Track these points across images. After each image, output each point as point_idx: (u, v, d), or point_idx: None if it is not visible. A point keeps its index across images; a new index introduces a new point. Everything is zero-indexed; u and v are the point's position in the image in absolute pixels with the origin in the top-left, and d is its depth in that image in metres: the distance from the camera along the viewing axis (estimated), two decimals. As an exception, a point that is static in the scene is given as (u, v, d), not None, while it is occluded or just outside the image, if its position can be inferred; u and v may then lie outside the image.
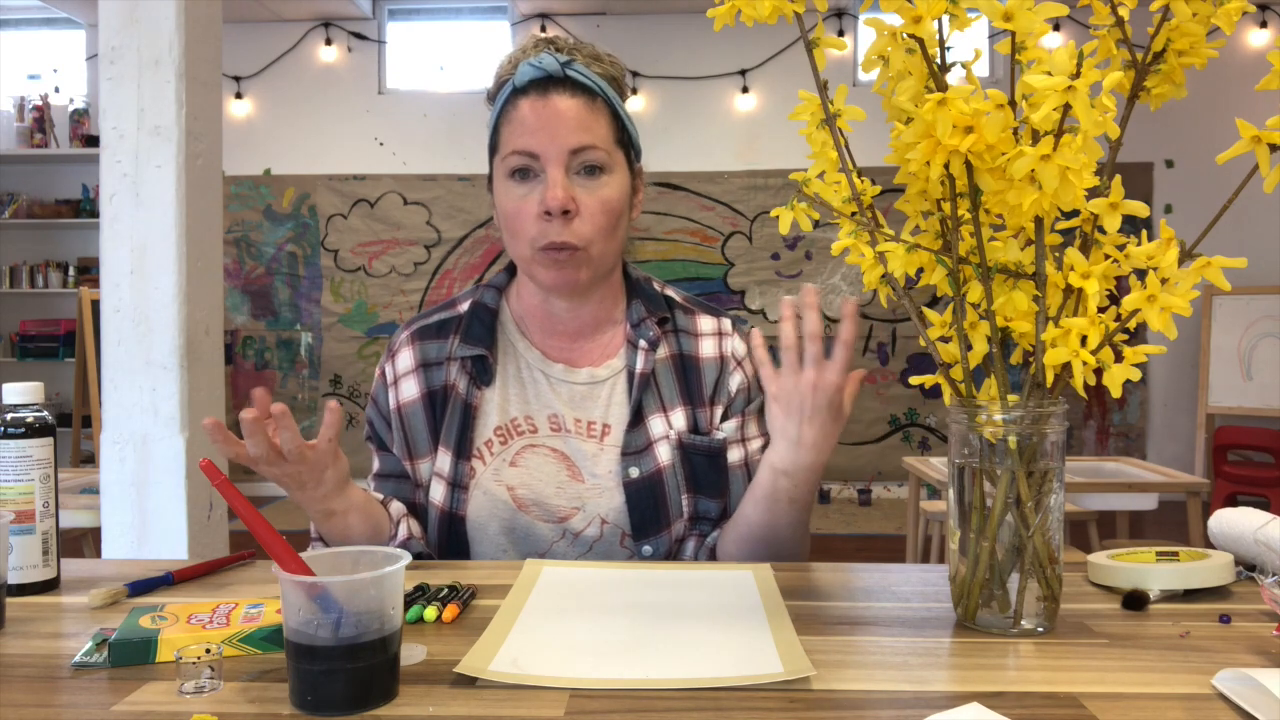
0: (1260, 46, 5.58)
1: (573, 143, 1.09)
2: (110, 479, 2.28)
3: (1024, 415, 0.79)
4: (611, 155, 1.12)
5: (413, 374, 1.18)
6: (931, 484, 3.46)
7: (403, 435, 1.17)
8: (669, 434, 1.16)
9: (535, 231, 1.10)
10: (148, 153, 2.27)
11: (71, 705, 0.66)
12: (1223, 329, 5.36)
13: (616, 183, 1.12)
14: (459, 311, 1.22)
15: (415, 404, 1.17)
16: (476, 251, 5.95)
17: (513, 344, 1.21)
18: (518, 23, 5.96)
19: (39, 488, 0.93)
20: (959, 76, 0.78)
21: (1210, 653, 0.76)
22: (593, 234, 1.10)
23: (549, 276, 1.12)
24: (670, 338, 1.21)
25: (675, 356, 1.20)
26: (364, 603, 0.65)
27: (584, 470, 1.14)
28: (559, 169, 1.09)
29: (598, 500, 1.13)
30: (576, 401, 1.17)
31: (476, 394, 1.17)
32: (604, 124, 1.12)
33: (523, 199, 1.11)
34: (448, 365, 1.18)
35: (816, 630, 0.81)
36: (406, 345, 1.21)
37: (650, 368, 1.18)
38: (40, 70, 6.13)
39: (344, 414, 0.96)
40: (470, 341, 1.18)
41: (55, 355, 5.87)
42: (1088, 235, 0.80)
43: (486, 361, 1.18)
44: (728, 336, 1.23)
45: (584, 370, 1.19)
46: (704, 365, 1.20)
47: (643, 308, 1.21)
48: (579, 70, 1.11)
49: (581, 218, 1.10)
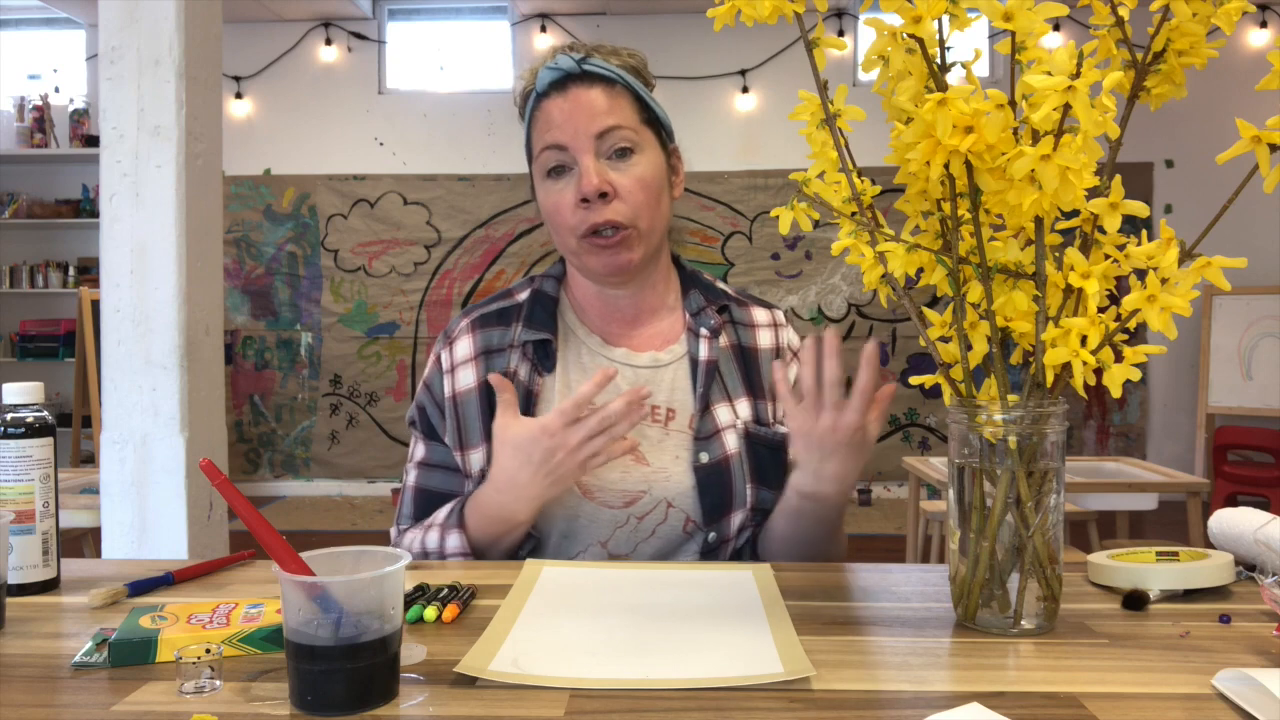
0: (1260, 46, 5.58)
1: (597, 127, 1.10)
2: (110, 479, 2.28)
3: (1024, 415, 0.79)
4: (640, 134, 1.13)
5: (471, 362, 1.17)
6: (931, 484, 3.46)
7: (455, 424, 1.16)
8: (735, 423, 1.16)
9: (575, 220, 1.11)
10: (148, 153, 2.27)
11: (71, 705, 0.66)
12: (1223, 329, 5.36)
13: (649, 160, 1.13)
14: (518, 300, 1.22)
15: (471, 393, 1.16)
16: (476, 251, 5.95)
17: (573, 330, 1.21)
18: (518, 23, 5.96)
19: (39, 488, 0.93)
20: (959, 76, 0.78)
21: (1210, 653, 0.76)
22: (634, 211, 1.11)
23: (599, 263, 1.13)
24: (729, 328, 1.22)
25: (735, 346, 1.21)
26: (364, 603, 0.65)
27: (649, 454, 1.14)
28: (589, 155, 1.10)
29: (664, 485, 1.13)
30: (639, 385, 1.15)
31: (538, 380, 1.16)
32: (627, 107, 1.12)
33: (560, 192, 1.12)
34: (509, 352, 1.17)
35: (816, 630, 0.80)
36: (466, 333, 1.20)
37: (715, 356, 1.18)
38: (40, 70, 6.13)
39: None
40: (534, 326, 1.18)
41: (55, 355, 5.87)
42: (1088, 235, 0.80)
43: (549, 347, 1.18)
44: (782, 328, 1.25)
45: (646, 354, 1.19)
46: (761, 357, 1.21)
47: (701, 297, 1.22)
48: (596, 64, 1.12)
49: (620, 198, 1.10)
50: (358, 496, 5.96)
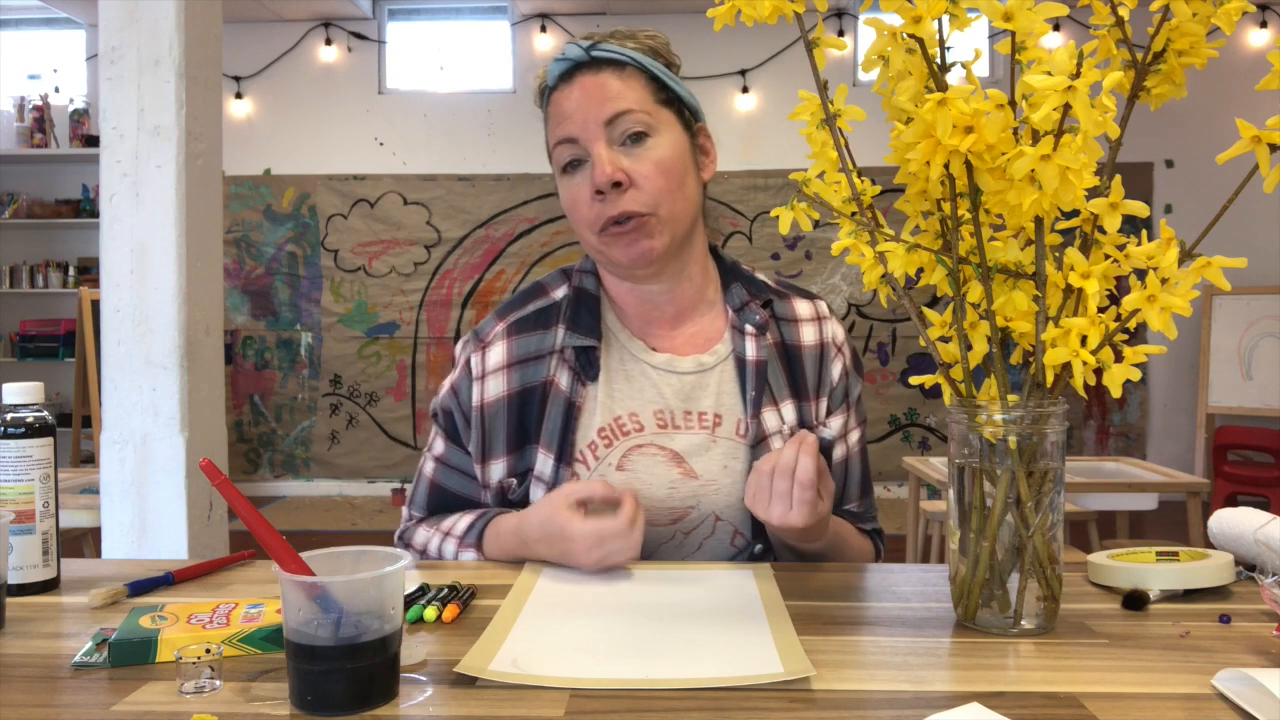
0: (1260, 46, 5.57)
1: (606, 112, 1.05)
2: (110, 479, 2.28)
3: (1024, 415, 0.79)
4: (655, 115, 1.07)
5: (503, 370, 1.12)
6: (931, 484, 3.45)
7: (480, 434, 1.12)
8: (783, 428, 1.12)
9: (592, 215, 1.07)
10: (148, 153, 2.27)
11: (71, 705, 0.66)
12: (1223, 329, 5.36)
13: (667, 142, 1.07)
14: (554, 298, 1.17)
15: (499, 403, 1.11)
16: (476, 251, 5.94)
17: (615, 335, 1.15)
18: (517, 23, 5.96)
19: (39, 488, 0.93)
20: (959, 76, 0.78)
21: (1210, 653, 0.76)
22: (653, 198, 1.06)
23: (621, 254, 1.08)
24: (773, 325, 1.16)
25: (779, 345, 1.16)
26: (364, 603, 0.65)
27: (696, 466, 1.10)
28: (600, 145, 1.05)
29: (713, 498, 1.09)
30: (685, 393, 1.12)
31: (580, 391, 1.11)
32: (638, 88, 1.07)
33: (577, 187, 1.08)
34: (549, 359, 1.12)
35: (816, 630, 0.80)
36: (502, 339, 1.14)
37: (765, 356, 1.13)
38: (40, 70, 6.13)
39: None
40: (579, 331, 1.12)
41: (55, 355, 5.87)
42: (1088, 235, 0.80)
43: (594, 354, 1.12)
44: (826, 320, 1.19)
45: (689, 359, 1.14)
46: (806, 355, 1.16)
47: (744, 291, 1.17)
48: (604, 49, 1.08)
49: (636, 186, 1.05)
50: (358, 496, 5.96)
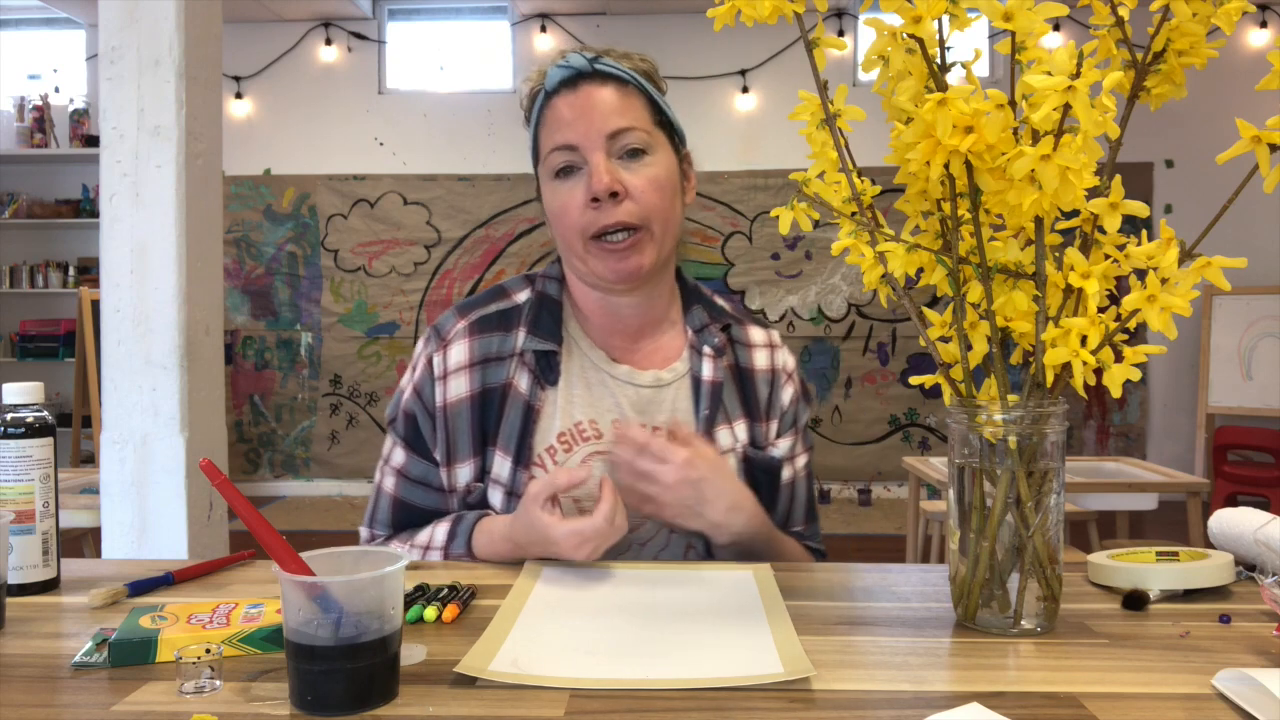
0: (1260, 46, 5.57)
1: (610, 126, 1.06)
2: (110, 479, 2.28)
3: (1024, 415, 0.79)
4: (653, 136, 1.09)
5: (465, 370, 1.12)
6: (931, 484, 3.46)
7: (445, 436, 1.12)
8: (735, 446, 1.14)
9: (584, 221, 1.07)
10: (148, 153, 2.27)
11: (71, 705, 0.66)
12: (1223, 329, 5.36)
13: (662, 162, 1.10)
14: (516, 301, 1.17)
15: (462, 403, 1.11)
16: (476, 251, 5.94)
17: (576, 342, 1.16)
18: (517, 23, 5.96)
19: (39, 488, 0.93)
20: (959, 76, 0.78)
21: (1210, 653, 0.76)
22: (646, 212, 1.07)
23: (608, 268, 1.08)
24: (729, 348, 1.19)
25: (733, 367, 1.18)
26: (364, 603, 0.65)
27: None
28: (600, 155, 1.06)
29: None
30: (642, 406, 1.14)
31: (540, 394, 1.12)
32: (640, 108, 1.09)
33: (569, 192, 1.08)
34: (509, 361, 1.12)
35: (816, 630, 0.80)
36: (463, 337, 1.14)
37: (720, 377, 1.16)
38: (40, 70, 6.13)
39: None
40: (540, 335, 1.13)
41: (55, 355, 5.87)
42: (1088, 235, 0.80)
43: (554, 358, 1.13)
44: (778, 349, 1.22)
45: (649, 373, 1.15)
46: (759, 378, 1.19)
47: (704, 313, 1.19)
48: (608, 63, 1.09)
49: (631, 199, 1.06)
50: (358, 496, 5.95)
